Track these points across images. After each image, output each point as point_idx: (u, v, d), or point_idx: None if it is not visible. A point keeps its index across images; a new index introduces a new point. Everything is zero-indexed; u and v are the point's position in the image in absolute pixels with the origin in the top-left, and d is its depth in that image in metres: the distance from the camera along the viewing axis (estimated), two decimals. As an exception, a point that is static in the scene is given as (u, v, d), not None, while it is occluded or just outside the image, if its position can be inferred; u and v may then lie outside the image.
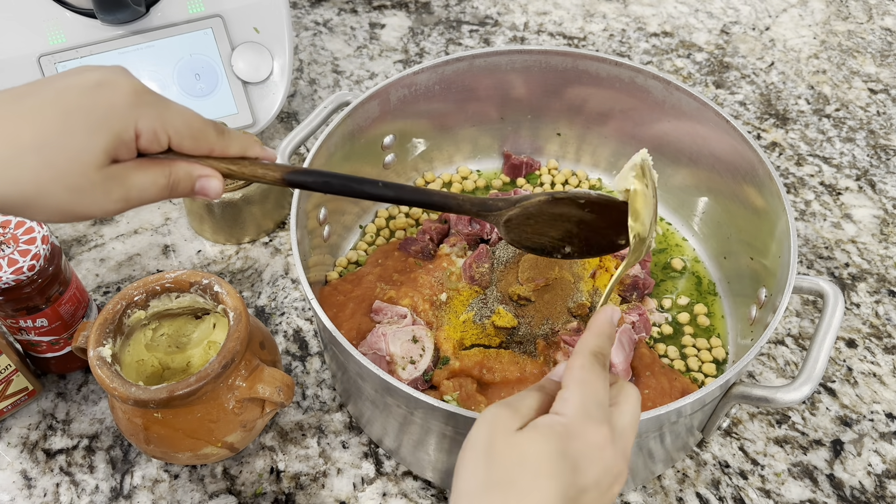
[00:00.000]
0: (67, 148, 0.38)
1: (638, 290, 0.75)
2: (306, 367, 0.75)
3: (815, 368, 0.55)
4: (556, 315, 0.71)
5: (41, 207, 0.39)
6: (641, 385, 0.67)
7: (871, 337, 0.78)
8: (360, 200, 0.82)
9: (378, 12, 1.14)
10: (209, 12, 0.86)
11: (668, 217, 0.84)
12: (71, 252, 0.84)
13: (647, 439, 0.58)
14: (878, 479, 0.68)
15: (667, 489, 0.67)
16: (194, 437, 0.61)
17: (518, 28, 1.12)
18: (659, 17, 1.15)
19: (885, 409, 0.72)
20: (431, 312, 0.71)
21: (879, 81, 1.05)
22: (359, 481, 0.67)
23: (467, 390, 0.65)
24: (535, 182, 0.87)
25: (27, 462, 0.68)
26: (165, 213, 0.88)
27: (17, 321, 0.67)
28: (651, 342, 0.74)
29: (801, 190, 0.91)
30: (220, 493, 0.66)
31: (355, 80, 1.04)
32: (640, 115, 0.80)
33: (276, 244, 0.85)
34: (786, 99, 1.03)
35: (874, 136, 0.98)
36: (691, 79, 1.05)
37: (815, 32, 1.13)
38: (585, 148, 0.87)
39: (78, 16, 0.82)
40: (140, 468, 0.68)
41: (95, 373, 0.59)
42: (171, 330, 0.68)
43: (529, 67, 0.80)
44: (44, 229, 0.64)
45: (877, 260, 0.85)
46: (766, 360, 0.76)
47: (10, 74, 0.81)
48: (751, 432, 0.70)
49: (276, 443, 0.69)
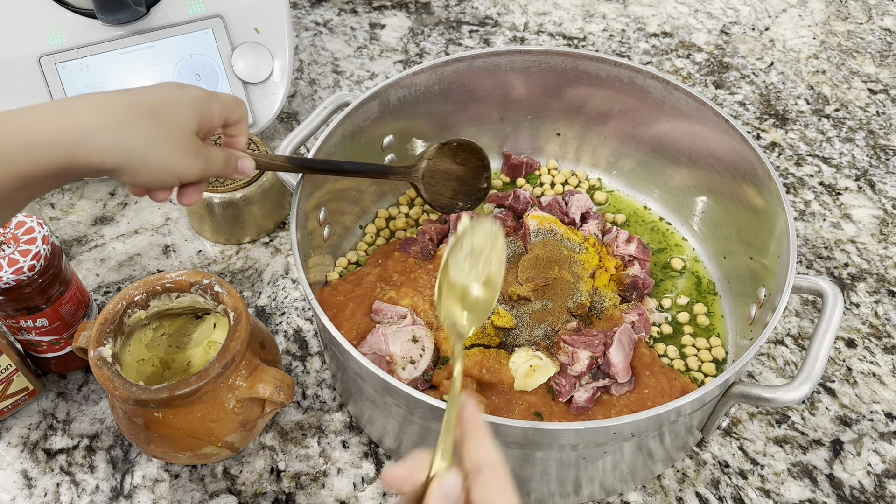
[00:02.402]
0: (172, 116, 0.51)
1: (638, 290, 0.75)
2: (306, 367, 0.75)
3: (815, 368, 0.55)
4: (556, 315, 0.71)
5: (155, 159, 0.50)
6: (641, 384, 0.67)
7: (871, 337, 0.78)
8: (360, 200, 0.83)
9: (378, 13, 1.15)
10: (209, 12, 0.86)
11: (667, 217, 0.84)
12: (71, 252, 0.84)
13: (646, 439, 0.58)
14: (877, 478, 0.68)
15: (666, 489, 0.67)
16: (195, 437, 0.61)
17: (518, 28, 1.12)
18: (658, 18, 1.15)
19: (884, 409, 0.73)
20: (431, 312, 0.71)
21: (879, 81, 1.05)
22: (359, 481, 0.67)
23: (467, 390, 0.65)
24: (535, 182, 0.87)
25: (28, 462, 0.68)
26: (166, 213, 0.88)
27: (17, 321, 0.67)
28: (651, 342, 0.74)
29: (800, 190, 0.92)
30: (220, 492, 0.66)
31: (355, 80, 1.04)
32: (640, 115, 0.80)
33: (276, 244, 0.85)
34: (785, 99, 1.03)
35: (874, 136, 0.98)
36: (691, 79, 1.05)
37: (814, 33, 1.13)
38: (585, 148, 0.87)
39: (78, 16, 0.82)
40: (140, 468, 0.68)
41: (96, 372, 0.59)
42: (172, 330, 0.68)
43: (529, 68, 0.80)
44: (44, 229, 0.65)
45: (876, 260, 0.85)
46: (765, 360, 0.76)
47: (10, 74, 0.81)
48: (750, 432, 0.71)
49: (277, 442, 0.69)
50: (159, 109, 0.50)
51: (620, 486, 0.66)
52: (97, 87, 0.84)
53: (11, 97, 0.81)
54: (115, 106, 0.49)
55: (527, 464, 0.59)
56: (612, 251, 0.77)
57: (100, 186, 0.90)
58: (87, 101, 0.49)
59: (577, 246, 0.75)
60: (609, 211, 0.85)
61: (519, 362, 0.67)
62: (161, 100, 0.51)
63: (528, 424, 0.52)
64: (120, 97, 0.50)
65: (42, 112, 0.48)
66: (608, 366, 0.67)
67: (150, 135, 0.49)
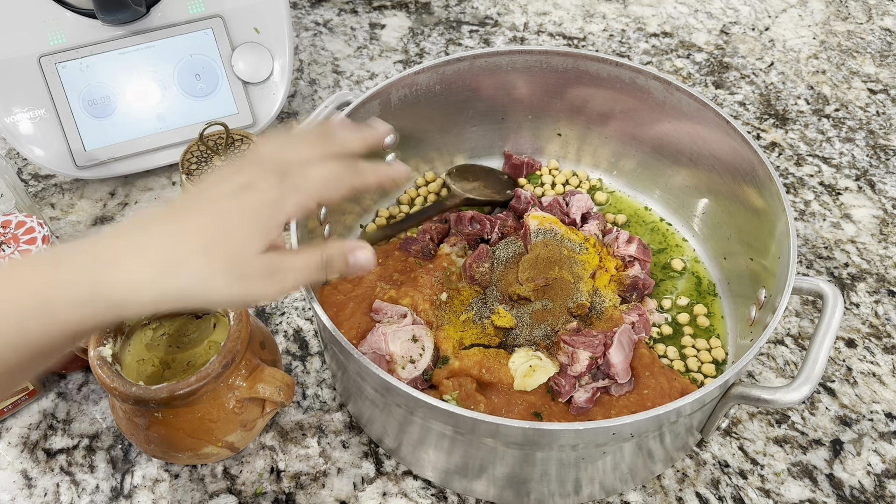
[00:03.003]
0: (229, 245, 0.44)
1: (638, 291, 0.75)
2: (306, 367, 0.75)
3: (815, 369, 0.55)
4: (556, 315, 0.71)
5: (215, 297, 0.44)
6: (641, 385, 0.67)
7: (871, 337, 0.78)
8: (360, 199, 0.83)
9: (378, 13, 1.15)
10: (209, 12, 0.86)
11: (668, 217, 0.84)
12: (71, 252, 0.84)
13: (646, 439, 0.58)
14: (877, 478, 0.68)
15: (666, 489, 0.67)
16: (195, 437, 0.61)
17: (518, 28, 1.12)
18: (659, 18, 1.15)
19: (884, 409, 0.73)
20: (431, 312, 0.71)
21: (879, 81, 1.05)
22: (359, 481, 0.67)
23: (467, 390, 0.65)
24: (536, 182, 0.87)
25: (27, 462, 0.68)
26: (166, 212, 0.88)
27: (17, 321, 0.67)
28: (651, 342, 0.74)
29: (800, 190, 0.92)
30: (220, 492, 0.67)
31: (355, 80, 1.04)
32: (641, 115, 0.80)
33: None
34: (785, 99, 1.03)
35: (874, 136, 0.98)
36: (691, 79, 1.05)
37: (814, 33, 1.13)
38: (586, 148, 0.87)
39: (78, 16, 0.82)
40: (140, 468, 0.68)
41: (96, 372, 0.59)
42: (172, 330, 0.68)
43: (530, 68, 0.80)
44: (44, 229, 0.65)
45: (876, 260, 0.85)
46: (765, 360, 0.76)
47: (10, 74, 0.81)
48: (750, 432, 0.71)
49: (277, 442, 0.69)
50: (211, 240, 0.44)
51: (620, 486, 0.66)
52: (97, 86, 0.84)
53: (11, 97, 0.81)
54: (160, 248, 0.44)
55: (527, 464, 0.59)
56: (612, 252, 0.77)
57: (100, 186, 0.90)
58: (126, 245, 0.44)
59: (577, 246, 0.75)
60: (610, 211, 0.85)
61: (519, 362, 0.67)
62: (212, 226, 0.44)
63: (527, 425, 0.52)
64: (164, 235, 0.44)
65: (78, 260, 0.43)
66: (608, 366, 0.67)
67: (200, 275, 0.43)
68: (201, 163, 0.81)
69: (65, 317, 0.42)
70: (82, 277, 0.43)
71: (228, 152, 0.82)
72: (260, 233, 0.45)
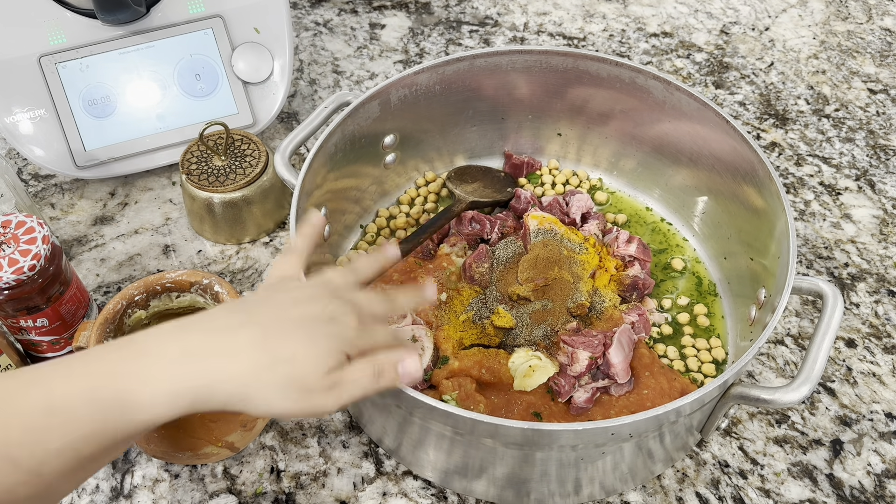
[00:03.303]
0: (309, 362, 0.46)
1: (638, 291, 0.75)
2: (306, 367, 0.75)
3: (814, 369, 0.55)
4: (556, 315, 0.71)
5: (278, 409, 0.46)
6: (641, 385, 0.67)
7: (871, 337, 0.78)
8: (360, 200, 0.83)
9: (378, 13, 1.15)
10: (209, 12, 0.86)
11: (668, 217, 0.84)
12: (71, 252, 0.84)
13: (646, 439, 0.58)
14: (877, 478, 0.68)
15: (666, 489, 0.67)
16: (194, 437, 0.61)
17: (518, 28, 1.12)
18: (658, 18, 1.15)
19: (884, 409, 0.73)
20: (431, 312, 0.71)
21: (879, 81, 1.05)
22: (359, 481, 0.67)
23: (466, 390, 0.65)
24: (536, 182, 0.87)
25: (28, 461, 0.68)
26: (166, 213, 0.88)
27: (17, 321, 0.67)
28: (651, 342, 0.74)
29: (800, 190, 0.92)
30: (220, 492, 0.67)
31: (355, 80, 1.04)
32: (641, 115, 0.80)
33: (276, 244, 0.85)
34: (785, 99, 1.03)
35: (874, 136, 0.98)
36: (691, 79, 1.05)
37: (814, 33, 1.13)
38: (586, 148, 0.87)
39: (78, 16, 0.82)
40: (140, 468, 0.68)
41: (96, 372, 0.59)
42: (172, 330, 0.68)
43: (530, 68, 0.80)
44: (44, 229, 0.65)
45: (876, 260, 0.85)
46: (765, 360, 0.76)
47: (10, 74, 0.81)
48: (750, 432, 0.71)
49: (277, 442, 0.69)
50: (297, 353, 0.46)
51: (620, 486, 0.66)
52: (97, 86, 0.84)
53: (11, 97, 0.81)
54: (249, 356, 0.46)
55: (526, 464, 0.59)
56: (612, 251, 0.77)
57: (100, 186, 0.90)
58: (215, 343, 0.46)
59: (577, 246, 0.75)
60: (610, 211, 0.85)
61: (518, 362, 0.67)
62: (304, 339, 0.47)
63: (526, 425, 0.52)
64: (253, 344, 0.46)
65: (159, 355, 0.45)
66: (608, 366, 0.67)
67: (274, 384, 0.45)
68: (201, 163, 0.81)
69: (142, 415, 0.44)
70: (164, 371, 0.45)
71: (228, 152, 0.82)
72: (336, 361, 0.47)
